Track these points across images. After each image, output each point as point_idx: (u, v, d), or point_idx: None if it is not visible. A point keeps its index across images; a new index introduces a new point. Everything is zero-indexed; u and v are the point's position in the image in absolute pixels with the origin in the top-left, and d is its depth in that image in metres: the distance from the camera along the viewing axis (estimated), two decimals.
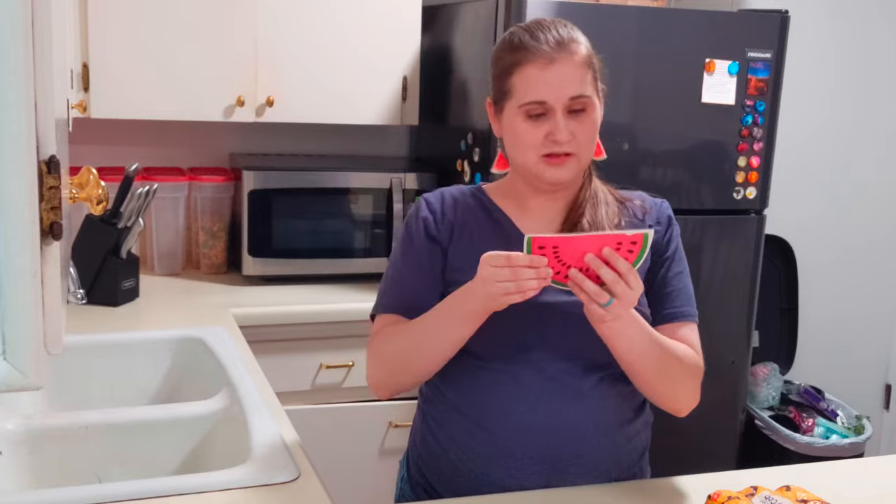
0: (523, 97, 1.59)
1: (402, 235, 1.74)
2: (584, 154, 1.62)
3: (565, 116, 1.58)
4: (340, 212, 3.02)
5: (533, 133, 1.59)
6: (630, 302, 1.48)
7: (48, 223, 0.94)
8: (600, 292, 1.46)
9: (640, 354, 1.57)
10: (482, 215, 1.71)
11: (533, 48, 1.58)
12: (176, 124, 3.09)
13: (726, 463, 3.00)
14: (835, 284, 3.70)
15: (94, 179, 1.53)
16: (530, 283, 1.46)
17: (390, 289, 1.72)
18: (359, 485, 2.65)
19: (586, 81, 1.60)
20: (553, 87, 1.57)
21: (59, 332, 1.00)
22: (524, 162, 1.62)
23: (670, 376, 1.62)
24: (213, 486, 1.53)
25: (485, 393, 1.63)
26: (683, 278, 1.73)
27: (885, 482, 1.76)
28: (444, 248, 1.69)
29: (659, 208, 1.75)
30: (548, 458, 1.61)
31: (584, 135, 1.60)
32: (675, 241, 1.74)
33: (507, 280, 1.46)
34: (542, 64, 1.57)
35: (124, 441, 1.82)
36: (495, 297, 1.48)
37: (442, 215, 1.70)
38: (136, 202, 2.60)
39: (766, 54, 2.80)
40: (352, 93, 3.00)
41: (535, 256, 1.45)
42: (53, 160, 0.95)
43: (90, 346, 2.24)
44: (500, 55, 1.64)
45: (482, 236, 1.68)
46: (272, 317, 2.70)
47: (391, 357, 1.67)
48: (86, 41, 2.70)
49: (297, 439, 1.75)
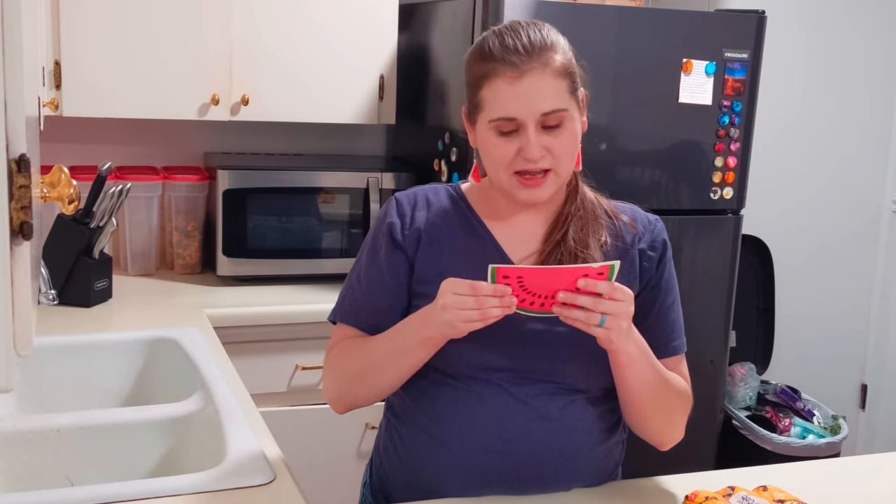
0: (493, 112, 1.50)
1: (369, 238, 1.67)
2: (563, 168, 1.53)
3: (538, 132, 1.48)
4: (317, 212, 3.00)
5: (504, 149, 1.50)
6: (624, 311, 1.43)
7: (18, 223, 0.93)
8: (588, 315, 1.42)
9: (647, 385, 1.54)
10: (458, 223, 1.63)
11: (502, 59, 1.48)
12: (149, 123, 3.06)
13: (704, 463, 3.00)
14: (811, 284, 3.73)
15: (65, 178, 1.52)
16: (493, 312, 1.42)
17: (350, 296, 1.66)
18: (335, 487, 2.64)
19: (561, 93, 1.49)
20: (523, 103, 1.47)
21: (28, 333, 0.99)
22: (497, 179, 1.54)
23: (667, 411, 1.61)
24: (187, 489, 1.52)
25: (447, 409, 1.58)
26: (676, 307, 1.67)
27: (862, 482, 1.77)
28: (409, 256, 1.61)
29: (652, 231, 1.66)
30: (506, 478, 1.57)
31: (560, 148, 1.50)
32: (667, 269, 1.66)
33: (470, 309, 1.42)
34: (512, 78, 1.47)
35: (96, 444, 1.80)
36: (455, 324, 1.43)
37: (411, 220, 1.62)
38: (108, 201, 2.58)
39: (742, 55, 2.81)
40: (328, 91, 2.98)
41: (499, 286, 1.41)
42: (23, 159, 0.94)
43: (62, 347, 2.21)
44: (471, 64, 1.55)
45: (455, 248, 1.61)
46: (247, 317, 2.68)
47: (346, 376, 1.62)
48: (58, 38, 2.68)
49: (272, 441, 1.74)
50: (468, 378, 1.56)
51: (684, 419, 1.65)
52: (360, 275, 1.65)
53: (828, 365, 3.78)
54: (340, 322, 1.66)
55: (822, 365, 3.76)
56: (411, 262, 1.61)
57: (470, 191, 1.68)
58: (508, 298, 1.42)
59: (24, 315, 0.97)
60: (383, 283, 1.61)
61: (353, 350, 1.61)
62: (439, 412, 1.58)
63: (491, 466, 1.56)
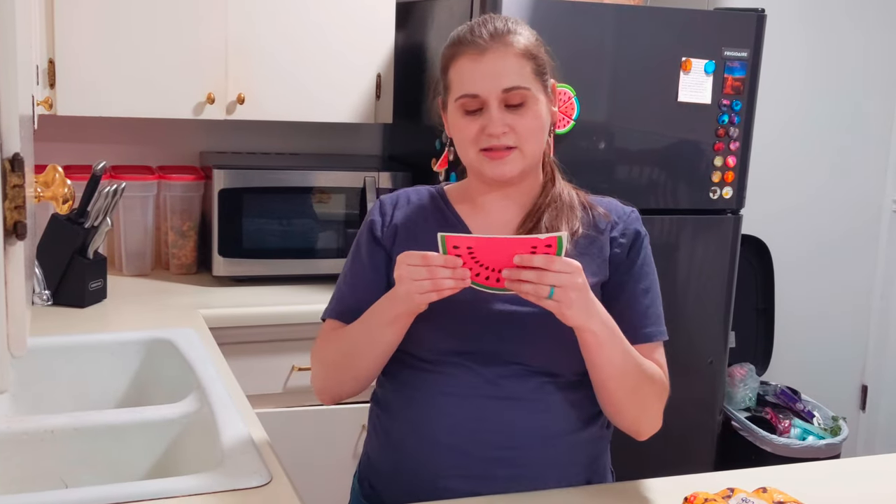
0: (458, 90, 1.58)
1: (355, 240, 1.75)
2: (528, 147, 1.58)
3: (501, 110, 1.55)
4: (313, 211, 2.99)
5: (469, 127, 1.57)
6: (570, 282, 1.43)
7: (12, 223, 0.94)
8: (536, 288, 1.43)
9: (618, 369, 1.54)
10: (433, 217, 1.70)
11: (467, 41, 1.57)
12: (144, 122, 3.05)
13: (703, 465, 3.00)
14: (811, 285, 3.73)
15: (59, 178, 1.52)
16: (447, 283, 1.45)
17: (336, 296, 1.73)
18: (331, 489, 2.62)
19: (524, 73, 1.56)
20: (485, 79, 1.55)
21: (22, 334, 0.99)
22: (466, 158, 1.61)
23: (641, 398, 1.60)
24: (183, 490, 1.51)
25: (420, 393, 1.62)
26: (651, 296, 1.67)
27: (862, 483, 1.76)
28: (387, 251, 1.68)
29: (626, 220, 1.69)
30: (477, 458, 1.58)
31: (524, 127, 1.56)
32: (640, 256, 1.67)
33: (423, 279, 1.46)
34: (475, 55, 1.55)
35: (91, 445, 1.79)
36: (412, 295, 1.47)
37: (391, 218, 1.70)
38: (103, 201, 2.57)
39: (742, 53, 2.80)
40: (325, 90, 2.97)
41: (450, 257, 1.45)
42: (17, 158, 0.94)
43: (56, 348, 2.20)
44: (442, 53, 1.64)
45: (428, 237, 1.61)
46: (243, 318, 2.67)
47: (327, 364, 1.68)
48: (52, 36, 2.66)
49: (268, 443, 1.74)
50: (440, 362, 1.60)
51: (660, 408, 1.65)
52: (345, 274, 1.73)
53: (828, 366, 3.78)
54: (328, 317, 1.72)
55: (822, 366, 3.76)
56: (389, 255, 1.67)
57: (450, 188, 1.75)
58: (461, 270, 1.45)
59: (18, 316, 0.97)
60: (365, 277, 1.69)
61: (334, 339, 1.67)
62: (412, 396, 1.63)
63: (461, 445, 1.59)
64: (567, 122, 2.67)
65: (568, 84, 2.66)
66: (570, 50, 2.67)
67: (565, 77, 2.66)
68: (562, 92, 2.65)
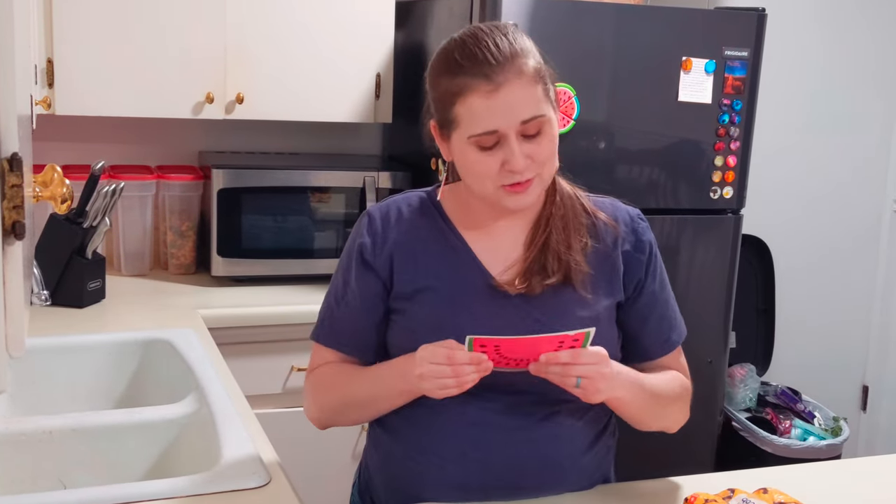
0: (471, 129, 1.46)
1: (344, 255, 1.66)
2: (547, 172, 1.51)
3: (520, 141, 1.45)
4: (312, 211, 2.99)
5: (487, 163, 1.47)
6: (596, 373, 1.44)
7: (10, 222, 0.94)
8: (563, 379, 1.44)
9: (645, 412, 1.59)
10: (432, 237, 1.61)
11: (473, 73, 1.44)
12: (143, 121, 3.04)
13: (703, 465, 3.00)
14: (812, 285, 3.73)
15: (58, 177, 1.51)
16: (470, 378, 1.43)
17: (329, 318, 1.66)
18: (330, 490, 2.61)
19: (538, 99, 1.46)
20: (502, 115, 1.44)
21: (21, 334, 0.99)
22: (482, 191, 1.51)
23: (668, 415, 1.65)
24: (182, 491, 1.51)
25: (426, 418, 1.57)
26: (671, 302, 1.68)
27: (863, 484, 1.76)
28: (381, 276, 1.59)
29: (636, 230, 1.64)
30: (485, 486, 1.56)
31: (542, 155, 1.48)
32: (656, 266, 1.65)
33: (447, 377, 1.43)
34: (487, 92, 1.43)
35: (89, 446, 1.79)
36: (432, 392, 1.45)
37: (383, 239, 1.60)
38: (102, 201, 2.56)
39: (742, 53, 2.80)
40: (324, 89, 2.97)
41: (476, 355, 1.42)
42: (16, 157, 0.94)
43: (54, 348, 2.20)
44: (438, 80, 1.51)
45: (430, 264, 1.59)
46: (242, 318, 2.67)
47: (326, 409, 1.65)
48: (50, 36, 2.66)
49: (267, 444, 1.74)
50: None
51: (686, 408, 1.68)
52: (336, 295, 1.65)
53: (829, 366, 3.78)
54: (322, 344, 1.67)
55: (822, 366, 3.76)
56: (385, 282, 1.60)
57: (445, 197, 1.64)
58: (485, 364, 1.43)
59: (17, 316, 0.97)
60: (357, 304, 1.62)
61: (332, 385, 1.63)
62: (419, 420, 1.58)
63: (469, 474, 1.56)
64: (567, 121, 2.66)
65: (568, 84, 2.66)
66: (570, 49, 2.67)
67: (565, 77, 2.66)
68: (562, 91, 2.64)
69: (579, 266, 1.56)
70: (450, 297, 1.56)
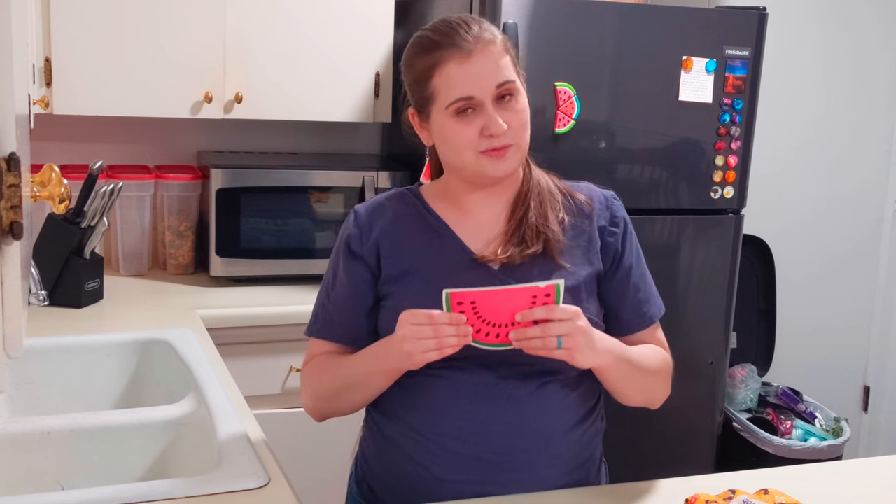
0: (449, 96, 1.56)
1: (333, 252, 1.73)
2: (522, 141, 1.60)
3: (495, 107, 1.55)
4: (311, 211, 2.98)
5: (466, 131, 1.56)
6: (574, 328, 1.48)
7: (8, 222, 0.95)
8: (545, 341, 1.47)
9: (628, 383, 1.64)
10: (416, 223, 1.68)
11: (447, 45, 1.55)
12: (142, 121, 3.04)
13: (704, 466, 3.00)
14: (813, 285, 3.72)
15: (56, 177, 1.51)
16: (450, 341, 1.47)
17: (322, 312, 1.71)
18: (329, 490, 2.61)
19: (508, 66, 1.57)
20: (477, 79, 1.54)
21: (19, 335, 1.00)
22: (462, 162, 1.59)
23: (651, 388, 1.70)
24: (180, 492, 1.50)
25: (421, 398, 1.62)
26: (647, 276, 1.74)
27: (864, 485, 1.76)
28: (369, 264, 1.66)
29: (611, 207, 1.72)
30: (480, 461, 1.59)
31: (517, 121, 1.57)
32: (631, 241, 1.72)
33: (427, 338, 1.47)
34: (461, 59, 1.54)
35: (88, 447, 1.79)
36: (414, 355, 1.49)
37: (369, 229, 1.67)
38: (100, 201, 2.56)
39: (743, 52, 2.79)
40: (323, 89, 2.96)
41: (455, 314, 1.47)
42: (14, 157, 0.95)
43: (52, 348, 2.20)
44: (413, 61, 1.61)
45: (415, 248, 1.66)
46: (241, 318, 2.66)
47: (320, 396, 1.69)
48: (48, 35, 2.65)
49: (266, 444, 1.74)
50: (440, 367, 1.58)
51: (668, 383, 1.73)
52: (327, 289, 1.71)
53: (830, 366, 3.78)
54: (315, 337, 1.71)
55: (823, 367, 3.75)
56: (373, 270, 1.66)
57: (426, 189, 1.74)
58: (464, 327, 1.47)
59: (15, 316, 0.97)
60: (347, 293, 1.67)
61: (325, 371, 1.68)
62: (414, 401, 1.62)
63: (467, 450, 1.59)
64: (567, 121, 2.66)
65: (568, 83, 2.65)
66: (570, 49, 2.67)
67: (565, 76, 2.66)
68: (562, 91, 2.64)
69: (556, 236, 1.63)
70: (434, 276, 1.61)
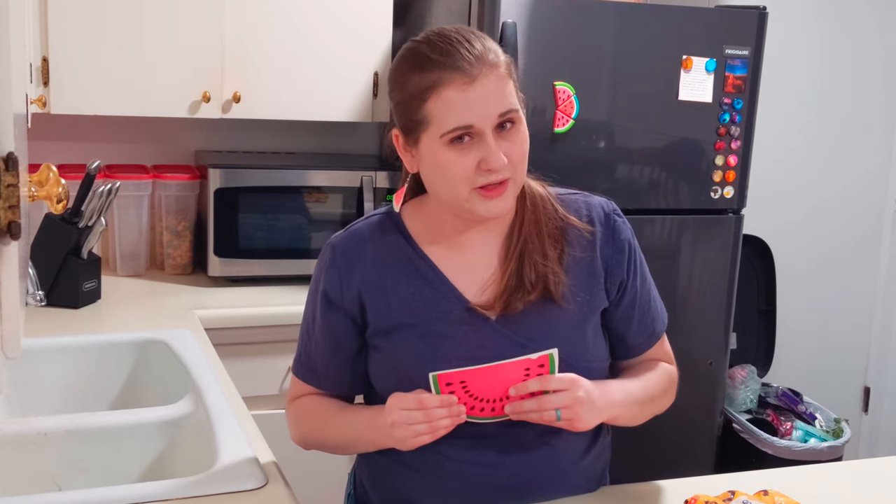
0: (445, 124, 1.40)
1: (311, 289, 1.61)
2: (520, 175, 1.46)
3: (495, 136, 1.41)
4: (309, 211, 2.98)
5: (461, 163, 1.40)
6: (572, 398, 1.42)
7: (6, 222, 0.95)
8: (542, 415, 1.43)
9: (637, 418, 1.59)
10: (400, 267, 1.54)
11: (447, 66, 1.39)
12: (139, 120, 3.04)
13: (704, 467, 2.99)
14: (813, 286, 3.72)
15: (54, 177, 1.50)
16: (443, 423, 1.41)
17: (304, 352, 1.63)
18: (327, 492, 2.60)
19: (511, 93, 1.43)
20: (478, 108, 1.39)
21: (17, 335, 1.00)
22: (454, 197, 1.45)
23: (656, 411, 1.65)
24: (178, 493, 1.50)
25: None
26: (652, 293, 1.65)
27: (864, 486, 1.76)
28: (350, 313, 1.54)
29: (613, 229, 1.58)
30: (486, 500, 1.54)
31: (517, 153, 1.43)
32: (636, 264, 1.60)
33: (419, 423, 1.41)
34: (463, 84, 1.38)
35: (85, 448, 1.78)
36: (406, 440, 1.43)
37: (349, 274, 1.54)
38: (97, 201, 2.55)
39: (743, 51, 2.79)
40: (321, 89, 2.96)
41: (446, 396, 1.41)
42: (11, 157, 0.95)
43: (49, 349, 2.19)
44: (405, 78, 1.44)
45: (403, 298, 1.52)
46: (239, 319, 2.66)
47: (308, 439, 1.65)
48: (46, 34, 2.64)
49: (264, 445, 1.73)
50: None
51: (674, 393, 1.68)
52: (308, 327, 1.63)
53: (830, 367, 3.77)
54: (299, 379, 1.65)
55: (824, 367, 3.75)
56: (354, 320, 1.56)
57: (409, 217, 1.58)
58: (457, 408, 1.41)
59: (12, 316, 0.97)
60: (326, 344, 1.59)
61: (309, 421, 1.63)
62: None
63: (470, 490, 1.55)
64: (567, 121, 2.65)
65: (567, 82, 2.65)
66: (570, 49, 2.66)
67: (565, 76, 2.65)
68: (562, 90, 2.63)
69: (557, 277, 1.51)
70: (428, 332, 1.51)
